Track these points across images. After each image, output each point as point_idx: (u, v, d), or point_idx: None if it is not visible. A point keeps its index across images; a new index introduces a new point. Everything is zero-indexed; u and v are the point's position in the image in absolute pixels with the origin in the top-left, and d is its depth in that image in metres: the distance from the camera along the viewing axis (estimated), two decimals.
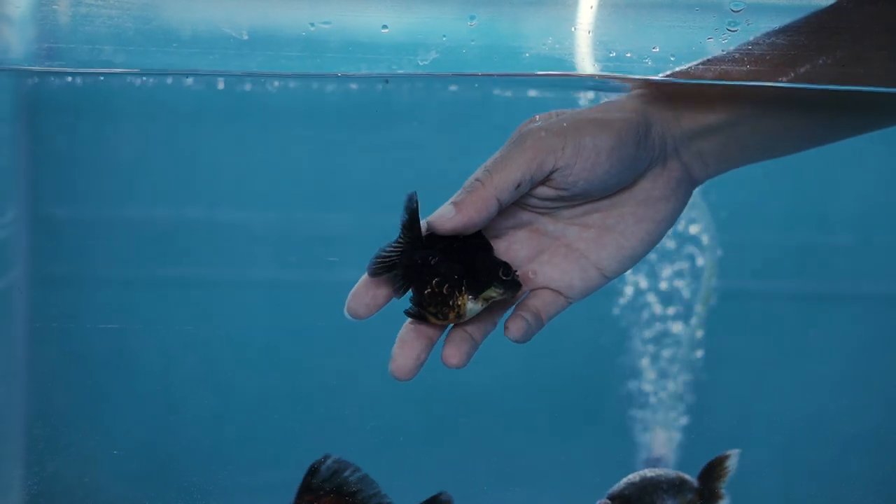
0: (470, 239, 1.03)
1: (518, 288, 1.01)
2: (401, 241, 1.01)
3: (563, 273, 1.07)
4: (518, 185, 1.01)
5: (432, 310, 1.01)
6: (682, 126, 1.08)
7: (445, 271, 1.01)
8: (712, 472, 1.34)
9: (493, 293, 1.01)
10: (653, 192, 1.09)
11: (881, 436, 1.89)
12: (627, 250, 1.09)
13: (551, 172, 1.03)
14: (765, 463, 1.91)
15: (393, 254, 1.01)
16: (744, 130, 1.10)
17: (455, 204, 1.00)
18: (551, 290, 1.09)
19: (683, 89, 1.09)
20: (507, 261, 1.02)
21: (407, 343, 1.04)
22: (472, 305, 1.01)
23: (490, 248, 1.04)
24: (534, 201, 1.06)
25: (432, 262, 1.01)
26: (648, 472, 1.31)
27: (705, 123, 1.09)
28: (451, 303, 1.01)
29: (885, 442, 1.89)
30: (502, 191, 1.01)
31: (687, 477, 1.33)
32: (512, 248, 1.09)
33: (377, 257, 1.01)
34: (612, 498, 1.23)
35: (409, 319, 1.04)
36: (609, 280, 1.11)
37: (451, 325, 1.03)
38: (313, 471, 1.15)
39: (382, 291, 1.03)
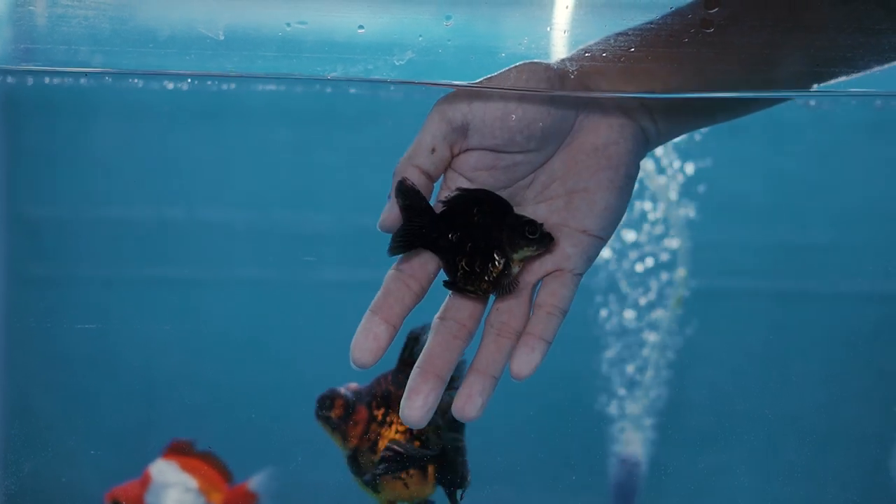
0: (486, 204, 1.04)
1: (550, 240, 1.03)
2: (413, 222, 1.01)
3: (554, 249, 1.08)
4: (433, 150, 1.05)
5: (470, 288, 1.02)
6: (608, 77, 1.09)
7: (472, 248, 1.02)
8: None
9: (527, 252, 1.02)
10: (597, 140, 1.09)
11: (859, 432, 1.90)
12: (599, 203, 1.09)
13: (465, 129, 1.05)
14: (742, 460, 1.92)
15: (409, 235, 1.02)
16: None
17: (389, 197, 1.04)
18: (553, 271, 1.09)
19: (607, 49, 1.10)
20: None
21: (413, 390, 1.05)
22: (508, 272, 1.02)
23: (509, 207, 1.04)
24: (481, 177, 1.07)
25: (454, 240, 1.02)
26: None
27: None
28: (486, 277, 1.02)
29: (862, 438, 1.90)
30: (416, 157, 1.05)
31: None
32: None
33: (395, 236, 1.01)
34: None
35: (416, 365, 1.05)
36: (603, 239, 1.11)
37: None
38: (414, 338, 1.11)
39: (382, 330, 1.04)
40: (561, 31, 1.14)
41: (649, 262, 1.77)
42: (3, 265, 1.77)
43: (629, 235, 1.78)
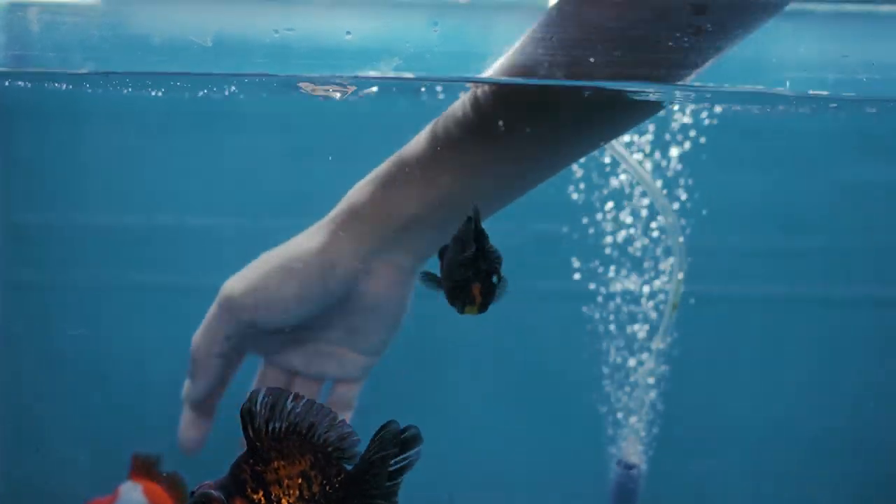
0: (472, 236, 1.07)
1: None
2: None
3: (326, 367, 1.28)
4: (228, 338, 1.23)
5: (458, 303, 1.08)
6: (379, 235, 1.21)
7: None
8: None
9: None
10: (368, 302, 1.24)
11: (849, 438, 1.90)
12: (373, 339, 1.27)
13: (254, 324, 1.22)
14: (734, 467, 1.92)
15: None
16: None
17: (190, 374, 1.26)
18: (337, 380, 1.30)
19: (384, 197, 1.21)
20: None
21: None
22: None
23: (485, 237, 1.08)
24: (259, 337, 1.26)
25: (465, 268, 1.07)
26: None
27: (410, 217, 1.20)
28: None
29: (853, 444, 1.91)
30: (214, 345, 1.23)
31: None
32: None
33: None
34: None
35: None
36: (378, 356, 1.31)
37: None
38: (248, 412, 1.06)
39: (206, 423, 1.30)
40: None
41: (645, 266, 1.77)
42: None
43: (623, 238, 1.79)
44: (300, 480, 1.07)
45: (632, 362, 1.80)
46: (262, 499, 1.07)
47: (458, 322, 1.25)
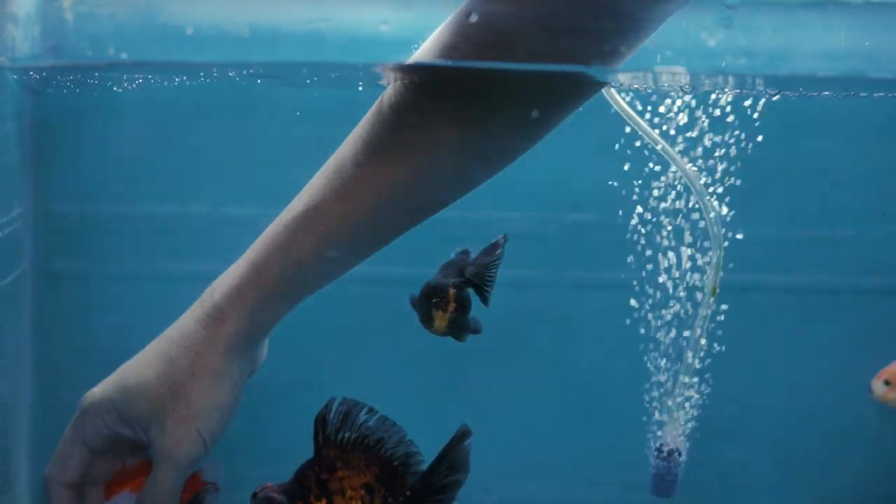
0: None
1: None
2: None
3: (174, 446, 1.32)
4: (87, 464, 1.31)
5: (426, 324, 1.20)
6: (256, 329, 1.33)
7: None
8: None
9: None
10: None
11: (873, 429, 1.89)
12: (220, 426, 1.32)
13: (107, 449, 1.32)
14: (759, 456, 1.92)
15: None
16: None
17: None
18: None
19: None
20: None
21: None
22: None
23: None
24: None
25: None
26: None
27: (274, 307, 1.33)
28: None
29: (876, 435, 1.90)
30: (72, 474, 1.31)
31: None
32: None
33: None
34: None
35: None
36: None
37: None
38: (322, 420, 1.08)
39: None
40: None
41: (683, 257, 1.77)
42: (30, 262, 1.78)
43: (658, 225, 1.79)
44: (363, 492, 1.07)
45: (669, 350, 1.80)
46: None
47: (489, 312, 1.26)
